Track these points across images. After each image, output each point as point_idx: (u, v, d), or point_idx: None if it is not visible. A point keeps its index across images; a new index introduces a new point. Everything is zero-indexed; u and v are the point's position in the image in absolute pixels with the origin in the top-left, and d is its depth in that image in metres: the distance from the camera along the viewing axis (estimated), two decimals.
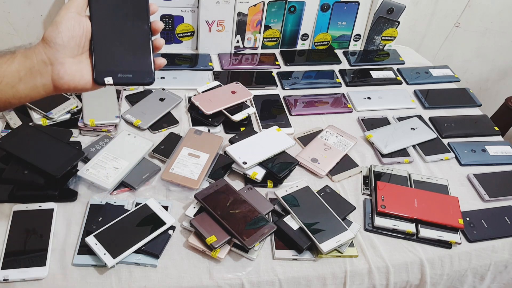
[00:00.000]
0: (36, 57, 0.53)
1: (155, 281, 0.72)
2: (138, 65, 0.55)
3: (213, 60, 1.25)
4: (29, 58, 0.53)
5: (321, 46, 1.37)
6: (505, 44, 1.67)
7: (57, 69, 0.53)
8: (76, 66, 0.54)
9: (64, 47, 0.53)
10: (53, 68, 0.53)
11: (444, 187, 0.94)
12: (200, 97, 1.04)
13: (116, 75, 0.54)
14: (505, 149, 1.07)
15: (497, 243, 0.87)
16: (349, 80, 1.25)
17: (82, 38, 0.54)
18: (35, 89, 0.54)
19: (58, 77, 0.53)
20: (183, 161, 0.90)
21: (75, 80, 0.54)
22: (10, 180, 0.80)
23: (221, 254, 0.75)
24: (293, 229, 0.79)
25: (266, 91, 1.16)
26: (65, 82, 0.54)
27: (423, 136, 1.06)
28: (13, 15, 1.21)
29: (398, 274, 0.81)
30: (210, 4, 1.17)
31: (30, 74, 0.53)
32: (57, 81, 0.54)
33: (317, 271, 0.77)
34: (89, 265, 0.72)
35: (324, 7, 1.29)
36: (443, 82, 1.31)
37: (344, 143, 1.01)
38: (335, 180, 0.94)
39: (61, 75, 0.53)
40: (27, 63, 0.52)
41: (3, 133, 0.91)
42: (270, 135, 0.96)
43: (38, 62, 0.53)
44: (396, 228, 0.84)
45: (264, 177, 0.89)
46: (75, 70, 0.54)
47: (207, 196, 0.81)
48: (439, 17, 1.55)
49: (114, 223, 0.76)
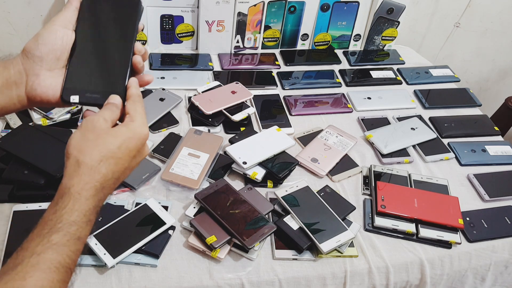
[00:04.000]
0: (13, 67, 0.51)
1: (155, 281, 0.72)
2: (110, 86, 0.53)
3: (213, 60, 1.25)
4: (6, 69, 0.51)
5: (321, 46, 1.37)
6: (505, 44, 1.67)
7: (31, 80, 0.51)
8: (51, 80, 0.52)
9: (41, 59, 0.51)
10: (27, 79, 0.51)
11: (444, 187, 0.94)
12: (200, 97, 1.04)
13: (84, 94, 0.52)
14: (505, 149, 1.07)
15: (497, 243, 0.87)
16: (349, 80, 1.25)
17: (63, 52, 0.52)
18: (11, 100, 0.52)
19: (31, 89, 0.52)
20: (183, 161, 0.90)
21: (48, 94, 0.52)
22: (10, 180, 0.80)
23: (221, 254, 0.75)
24: (293, 229, 0.79)
25: (266, 91, 1.16)
26: (38, 95, 0.52)
27: (423, 136, 1.06)
28: (13, 15, 1.21)
29: (398, 274, 0.81)
30: (210, 4, 1.17)
31: (7, 84, 0.51)
32: (30, 93, 0.52)
33: (317, 271, 0.77)
34: (89, 265, 0.72)
35: (324, 7, 1.29)
36: (443, 82, 1.31)
37: (344, 143, 1.01)
38: (335, 180, 0.94)
39: (34, 87, 0.51)
40: (4, 73, 0.51)
41: (3, 133, 0.91)
42: (270, 135, 0.96)
43: (15, 73, 0.51)
44: (396, 228, 0.84)
45: (264, 177, 0.89)
46: (50, 84, 0.52)
47: (207, 196, 0.81)
48: (439, 17, 1.55)
49: (114, 223, 0.76)
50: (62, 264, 0.44)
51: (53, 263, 0.43)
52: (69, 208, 0.45)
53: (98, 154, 0.47)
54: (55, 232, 0.44)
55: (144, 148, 0.52)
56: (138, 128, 0.50)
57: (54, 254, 0.43)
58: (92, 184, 0.46)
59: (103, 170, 0.47)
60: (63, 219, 0.45)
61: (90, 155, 0.47)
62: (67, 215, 0.45)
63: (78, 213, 0.45)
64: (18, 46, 1.27)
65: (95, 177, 0.46)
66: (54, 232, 0.44)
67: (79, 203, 0.46)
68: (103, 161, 0.47)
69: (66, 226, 0.44)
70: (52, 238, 0.44)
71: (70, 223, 0.45)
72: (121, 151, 0.48)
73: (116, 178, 0.49)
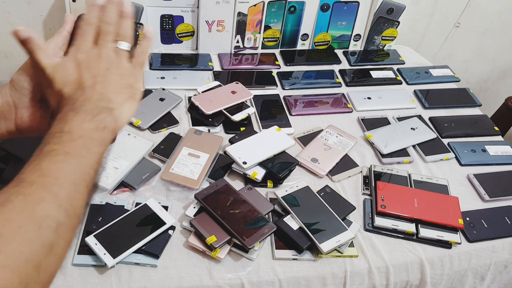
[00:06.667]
0: (2, 98, 0.49)
1: (155, 281, 0.72)
2: None
3: (213, 60, 1.25)
4: None
5: (321, 46, 1.37)
6: (505, 44, 1.67)
7: (20, 113, 0.50)
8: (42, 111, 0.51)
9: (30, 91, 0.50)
10: (17, 111, 0.50)
11: (444, 187, 0.94)
12: (200, 97, 1.04)
13: None
14: (505, 149, 1.07)
15: (497, 243, 0.87)
16: (349, 80, 1.25)
17: None
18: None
19: (22, 121, 0.50)
20: (183, 161, 0.90)
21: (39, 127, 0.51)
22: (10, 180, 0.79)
23: (221, 254, 0.75)
24: (293, 229, 0.79)
25: (266, 91, 1.16)
26: (29, 127, 0.51)
27: (423, 136, 1.06)
28: (13, 15, 1.21)
29: (398, 274, 0.81)
30: (210, 4, 1.17)
31: None
32: (21, 126, 0.50)
33: (317, 271, 0.77)
34: (89, 265, 0.72)
35: (324, 7, 1.29)
36: (443, 82, 1.31)
37: (344, 143, 1.01)
38: (335, 180, 0.94)
39: (24, 119, 0.50)
40: None
41: None
42: (270, 135, 0.96)
43: (3, 104, 0.50)
44: (396, 228, 0.84)
45: (264, 177, 0.89)
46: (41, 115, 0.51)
47: (207, 196, 0.81)
48: (439, 17, 1.55)
49: (114, 223, 0.76)
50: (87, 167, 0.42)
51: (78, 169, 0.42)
52: (74, 124, 0.43)
53: None
54: (69, 142, 0.43)
55: None
56: None
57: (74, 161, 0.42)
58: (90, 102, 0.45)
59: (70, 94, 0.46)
60: (75, 129, 0.43)
61: None
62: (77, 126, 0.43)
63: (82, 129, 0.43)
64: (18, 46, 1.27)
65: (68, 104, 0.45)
66: (68, 141, 0.43)
67: (79, 117, 0.44)
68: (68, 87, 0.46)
69: (80, 137, 0.43)
70: (68, 146, 0.43)
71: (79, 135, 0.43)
72: None
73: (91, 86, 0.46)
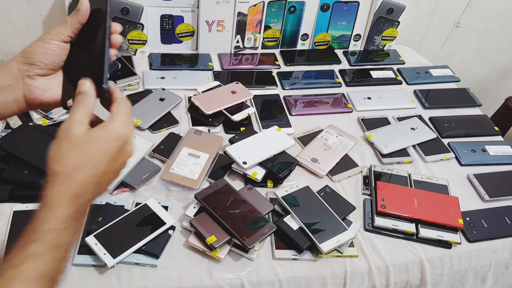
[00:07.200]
0: (8, 72, 0.52)
1: (155, 281, 0.72)
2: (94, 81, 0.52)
3: (213, 60, 1.25)
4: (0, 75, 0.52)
5: (321, 46, 1.37)
6: (505, 44, 1.67)
7: (28, 84, 0.52)
8: (48, 83, 0.53)
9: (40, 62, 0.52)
10: (24, 82, 0.52)
11: (444, 187, 0.94)
12: (200, 97, 1.04)
13: None
14: (505, 149, 1.07)
15: (497, 243, 0.87)
16: (349, 80, 1.25)
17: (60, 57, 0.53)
18: (7, 104, 0.53)
19: (29, 92, 0.52)
20: (183, 161, 0.90)
21: (46, 96, 0.53)
22: (10, 180, 0.80)
23: (221, 254, 0.75)
24: (293, 229, 0.79)
25: (266, 91, 1.16)
26: (36, 98, 0.53)
27: (423, 136, 1.06)
28: (13, 15, 1.21)
29: (398, 274, 0.81)
30: (210, 4, 1.17)
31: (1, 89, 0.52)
32: (28, 96, 0.53)
33: (317, 271, 0.77)
34: (89, 265, 0.72)
35: (324, 7, 1.29)
36: (443, 82, 1.31)
37: (344, 143, 1.01)
38: (335, 180, 0.94)
39: (32, 90, 0.52)
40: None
41: (3, 133, 0.91)
42: (270, 135, 0.96)
43: (10, 77, 0.52)
44: (396, 228, 0.84)
45: (264, 177, 0.89)
46: (47, 87, 0.53)
47: (207, 196, 0.81)
48: (439, 17, 1.55)
49: (114, 223, 0.76)
50: (43, 273, 0.43)
51: (32, 274, 0.43)
52: (44, 217, 0.45)
53: (73, 161, 0.46)
54: (31, 242, 0.43)
55: (126, 148, 0.49)
56: (116, 128, 0.48)
57: (33, 264, 0.43)
58: (67, 192, 0.45)
59: (79, 177, 0.46)
60: (39, 228, 0.44)
61: (64, 164, 0.46)
62: (42, 224, 0.44)
63: (54, 221, 0.44)
64: (18, 46, 1.27)
65: (71, 184, 0.45)
66: (30, 242, 0.43)
67: (53, 210, 0.45)
68: (79, 168, 0.46)
69: (42, 235, 0.44)
70: (29, 248, 0.43)
71: (46, 231, 0.44)
72: (98, 155, 0.47)
73: (96, 183, 0.47)
